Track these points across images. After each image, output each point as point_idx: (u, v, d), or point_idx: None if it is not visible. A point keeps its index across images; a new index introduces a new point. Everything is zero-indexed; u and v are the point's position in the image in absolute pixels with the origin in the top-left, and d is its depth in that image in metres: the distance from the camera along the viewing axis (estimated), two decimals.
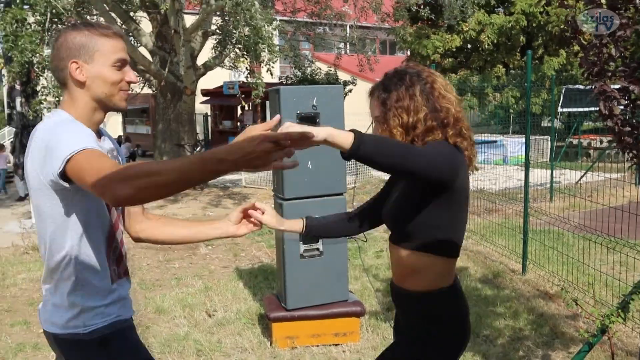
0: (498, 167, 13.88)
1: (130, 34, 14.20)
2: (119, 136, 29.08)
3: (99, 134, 2.05)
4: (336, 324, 4.73)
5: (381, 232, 8.77)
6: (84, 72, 1.94)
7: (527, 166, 6.16)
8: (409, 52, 21.36)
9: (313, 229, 2.43)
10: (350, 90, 25.17)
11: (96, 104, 1.97)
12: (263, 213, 2.28)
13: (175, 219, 2.45)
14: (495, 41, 18.94)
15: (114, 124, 33.12)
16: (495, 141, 14.70)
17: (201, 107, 25.01)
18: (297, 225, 2.41)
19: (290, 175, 4.55)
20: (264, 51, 10.45)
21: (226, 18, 13.96)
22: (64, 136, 1.78)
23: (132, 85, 2.08)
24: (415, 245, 2.09)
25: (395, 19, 16.36)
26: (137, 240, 2.28)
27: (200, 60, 14.86)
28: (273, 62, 11.22)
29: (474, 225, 8.33)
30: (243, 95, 13.16)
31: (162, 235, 2.29)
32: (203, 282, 6.58)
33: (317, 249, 4.76)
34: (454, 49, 19.40)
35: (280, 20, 20.24)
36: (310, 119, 4.53)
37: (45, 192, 1.87)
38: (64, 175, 1.75)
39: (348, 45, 19.07)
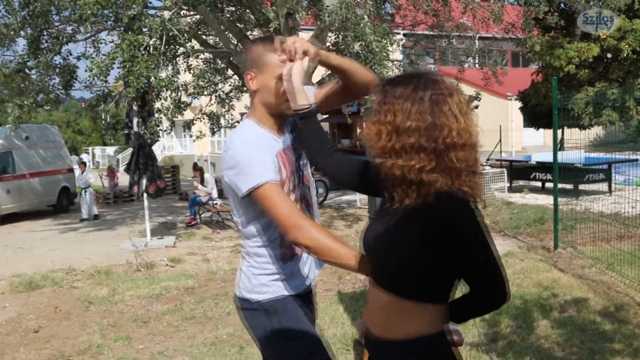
0: None
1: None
2: None
3: (281, 127, 2.49)
4: None
5: None
6: (256, 82, 2.39)
7: None
8: (541, 64, 20.71)
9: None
10: (476, 107, 24.79)
11: (267, 110, 2.41)
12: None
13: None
14: (637, 49, 17.91)
15: None
16: (637, 160, 13.84)
17: (324, 125, 25.61)
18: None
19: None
20: (376, 67, 10.56)
21: (341, 34, 14.28)
22: (252, 162, 2.27)
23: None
24: (405, 292, 1.93)
25: (522, 29, 15.93)
26: None
27: (315, 78, 15.27)
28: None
29: (600, 252, 7.93)
30: (350, 113, 13.36)
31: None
32: None
33: None
34: (591, 59, 18.55)
35: (403, 35, 20.40)
36: None
37: (234, 194, 2.40)
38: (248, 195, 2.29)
39: (472, 58, 18.80)
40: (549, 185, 15.28)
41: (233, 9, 15.00)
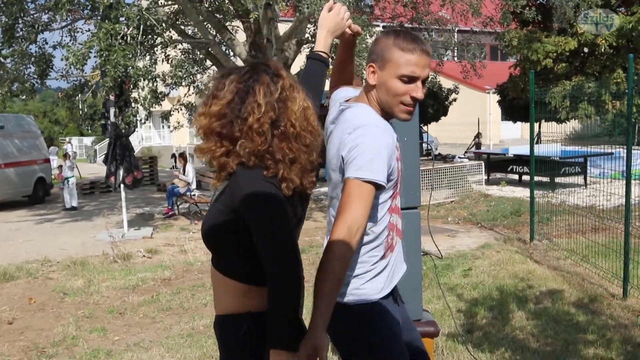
0: (615, 182, 13.22)
1: (225, 43, 14.78)
2: None
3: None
4: None
5: (472, 250, 8.62)
6: (376, 77, 2.19)
7: (628, 180, 5.89)
8: (519, 58, 20.84)
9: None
10: (454, 100, 24.91)
11: (380, 107, 2.23)
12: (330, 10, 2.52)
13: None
14: (614, 44, 18.07)
15: None
16: (612, 153, 13.98)
17: None
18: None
19: None
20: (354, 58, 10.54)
21: None
22: (376, 155, 2.05)
23: None
24: (218, 265, 2.06)
25: (501, 23, 16.02)
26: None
27: (294, 69, 15.21)
28: (364, 70, 11.29)
29: (575, 245, 8.01)
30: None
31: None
32: None
33: None
34: (568, 53, 18.68)
35: (382, 27, 20.40)
36: None
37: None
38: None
39: (451, 51, 18.87)
40: (525, 178, 15.40)
41: None
